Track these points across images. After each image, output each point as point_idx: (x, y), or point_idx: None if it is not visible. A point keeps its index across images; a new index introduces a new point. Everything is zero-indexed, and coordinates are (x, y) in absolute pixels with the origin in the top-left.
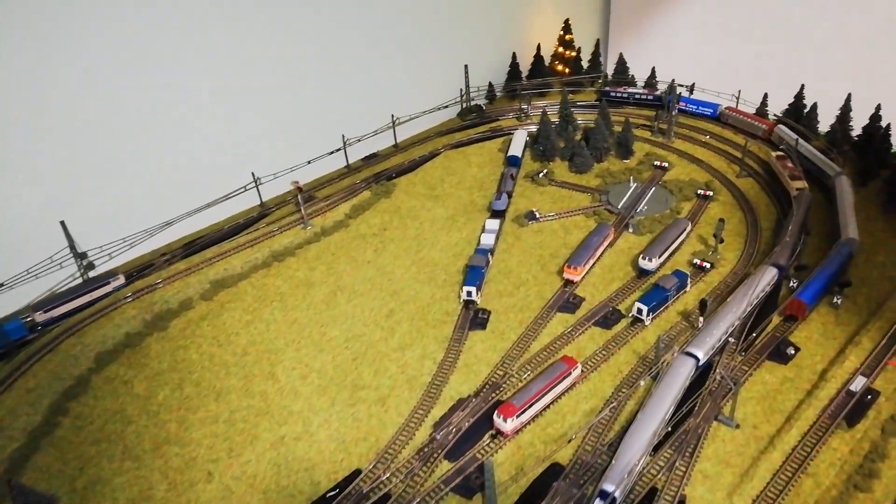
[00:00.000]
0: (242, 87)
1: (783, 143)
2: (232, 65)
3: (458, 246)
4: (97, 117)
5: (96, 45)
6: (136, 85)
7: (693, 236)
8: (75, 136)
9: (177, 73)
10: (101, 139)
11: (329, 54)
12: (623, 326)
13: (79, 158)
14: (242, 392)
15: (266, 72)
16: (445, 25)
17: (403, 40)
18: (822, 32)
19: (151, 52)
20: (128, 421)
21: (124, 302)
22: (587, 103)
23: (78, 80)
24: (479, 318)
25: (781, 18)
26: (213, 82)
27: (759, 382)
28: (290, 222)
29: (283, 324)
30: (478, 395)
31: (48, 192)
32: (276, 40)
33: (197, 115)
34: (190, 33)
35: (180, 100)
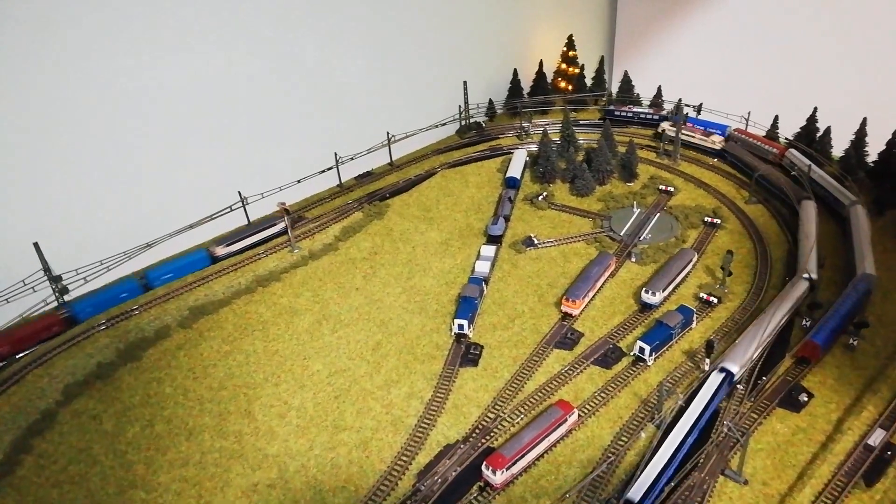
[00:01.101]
0: (229, 101)
1: (795, 169)
2: (218, 77)
3: (452, 273)
4: (73, 133)
5: (73, 57)
6: (115, 98)
7: (699, 267)
8: (50, 153)
9: (159, 86)
10: (78, 155)
11: (322, 68)
12: (624, 366)
13: (53, 176)
14: (216, 431)
15: (254, 85)
16: (444, 40)
17: (400, 55)
18: (836, 53)
19: (132, 63)
20: (93, 461)
21: (97, 330)
22: (590, 122)
23: (53, 94)
24: (470, 354)
25: (794, 37)
26: (197, 96)
27: (770, 432)
28: (276, 245)
29: (264, 355)
30: (466, 440)
31: (20, 212)
32: (265, 52)
33: (181, 131)
34: (174, 43)
35: (162, 114)
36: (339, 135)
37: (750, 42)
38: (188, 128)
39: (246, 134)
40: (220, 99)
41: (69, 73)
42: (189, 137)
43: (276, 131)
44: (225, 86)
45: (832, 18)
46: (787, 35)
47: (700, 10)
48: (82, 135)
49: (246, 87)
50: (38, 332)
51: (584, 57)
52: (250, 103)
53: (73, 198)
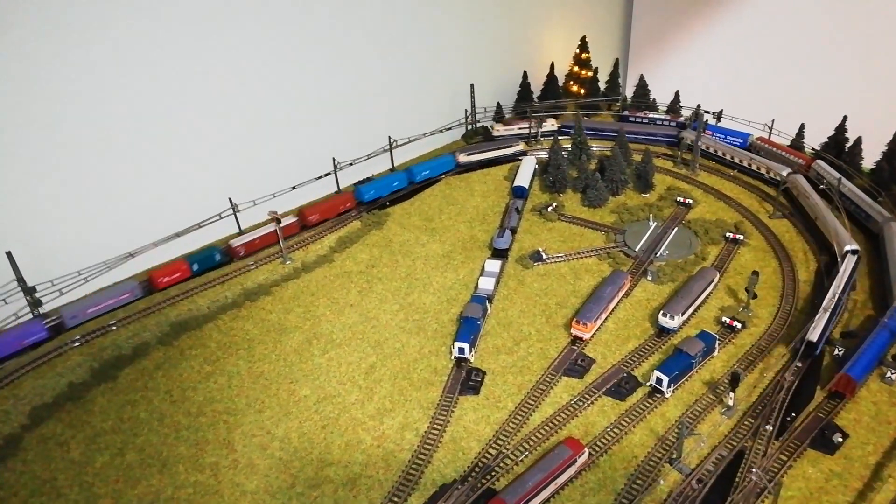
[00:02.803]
0: (220, 102)
1: (823, 182)
2: (208, 78)
3: (454, 289)
4: (50, 135)
5: (53, 59)
6: (96, 100)
7: (721, 288)
8: (24, 156)
9: (144, 85)
10: (55, 159)
11: (321, 68)
12: (639, 398)
13: (28, 180)
14: (191, 463)
15: (246, 85)
16: (450, 40)
17: (403, 55)
18: (867, 57)
19: (116, 63)
20: (57, 493)
21: (69, 347)
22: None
23: (30, 95)
24: (471, 381)
25: (823, 40)
26: (185, 98)
27: (801, 477)
28: (267, 255)
29: (248, 378)
30: (465, 480)
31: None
32: (260, 49)
33: (166, 135)
34: (162, 42)
35: (147, 117)
36: (338, 139)
37: (774, 44)
38: (175, 131)
39: (237, 138)
40: (210, 100)
41: (49, 76)
42: (176, 141)
43: (269, 135)
44: (215, 86)
45: (863, 21)
46: (815, 37)
47: (721, 10)
48: (60, 138)
49: (238, 88)
50: (335, 206)
51: (597, 59)
52: (242, 105)
53: (49, 204)
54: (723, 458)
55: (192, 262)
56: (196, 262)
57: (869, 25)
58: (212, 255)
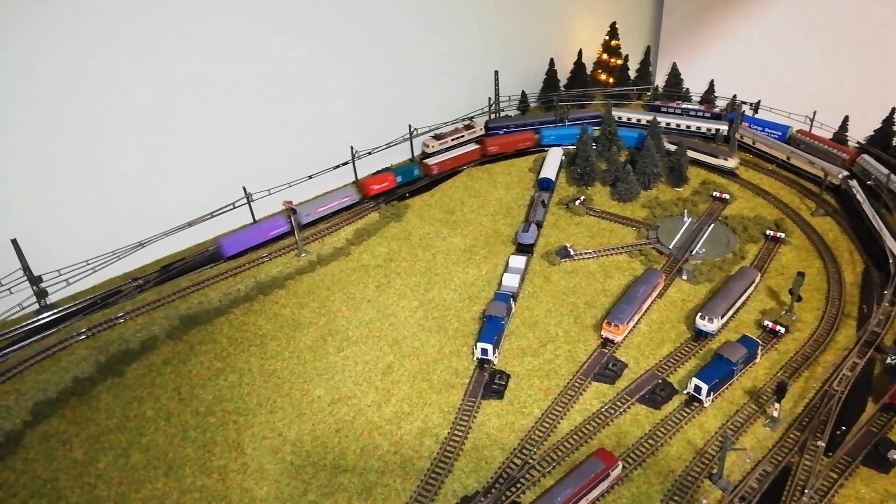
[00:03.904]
0: (234, 88)
1: (871, 178)
2: (221, 62)
3: (476, 286)
4: (59, 120)
5: (63, 46)
6: (106, 87)
7: (761, 289)
8: (32, 141)
9: (157, 75)
10: (64, 147)
11: (339, 55)
12: (675, 406)
13: (36, 166)
14: (198, 466)
15: (262, 71)
16: (474, 26)
17: (425, 42)
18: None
19: (127, 50)
20: (58, 495)
21: (75, 340)
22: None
23: (40, 82)
24: (495, 384)
25: (869, 27)
26: (199, 82)
27: (853, 498)
28: (282, 247)
29: (260, 376)
30: (488, 492)
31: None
32: (275, 35)
33: (179, 123)
34: (172, 27)
35: (159, 105)
36: (357, 127)
37: (817, 30)
38: (188, 120)
39: (252, 125)
40: (224, 87)
41: (58, 62)
42: (189, 130)
43: (285, 123)
44: (229, 73)
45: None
46: (861, 23)
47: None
48: (68, 125)
49: (253, 74)
50: (517, 142)
51: (627, 47)
52: (257, 92)
53: (57, 192)
54: (767, 475)
55: (396, 174)
56: (400, 175)
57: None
58: (411, 170)
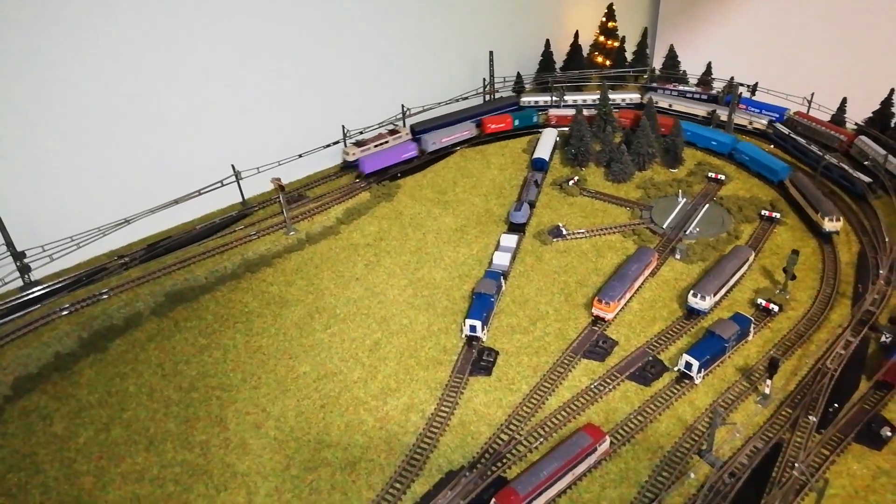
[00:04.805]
0: (224, 65)
1: (868, 159)
2: (211, 40)
3: (466, 265)
4: (45, 96)
5: (49, 18)
6: (93, 58)
7: (755, 268)
8: (16, 117)
9: (144, 47)
10: (49, 121)
11: (330, 31)
12: (665, 383)
13: (20, 141)
14: (180, 441)
15: (253, 48)
16: (469, 5)
17: (418, 19)
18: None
19: (114, 27)
20: (37, 469)
21: (57, 315)
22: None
23: (23, 54)
24: (483, 361)
25: (867, 7)
26: (188, 60)
27: (845, 474)
28: (270, 226)
29: (245, 352)
30: (473, 467)
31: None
32: (267, 13)
33: (168, 98)
34: (161, 4)
35: (148, 79)
36: (348, 106)
37: (815, 12)
38: (177, 97)
39: (242, 103)
40: (213, 66)
41: (44, 40)
42: (177, 106)
43: (275, 101)
44: (218, 50)
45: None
46: (859, 6)
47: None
48: (54, 101)
49: (243, 52)
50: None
51: (624, 29)
52: (247, 69)
53: (42, 168)
54: (758, 451)
55: (515, 118)
56: (518, 119)
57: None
58: (531, 116)
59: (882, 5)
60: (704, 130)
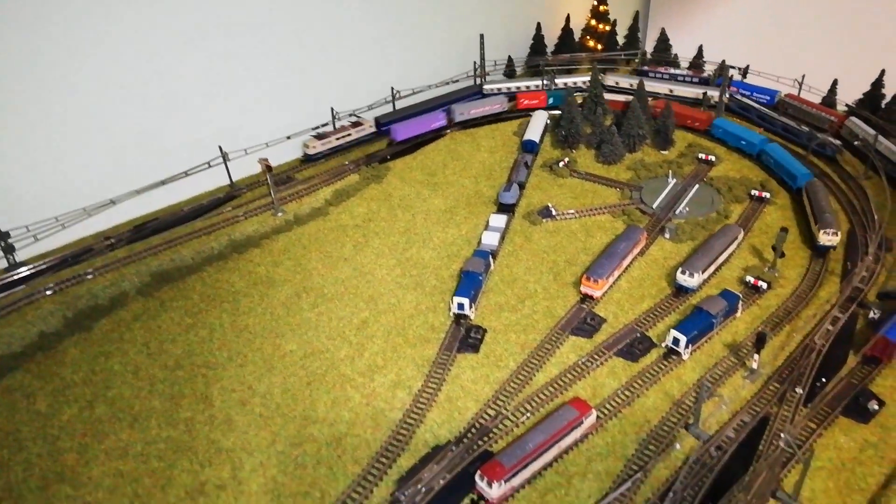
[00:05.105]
0: (212, 45)
1: (858, 140)
2: (198, 18)
3: (455, 245)
4: (30, 72)
5: (32, 1)
6: (78, 36)
7: (745, 247)
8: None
9: (130, 24)
10: (33, 98)
11: (320, 12)
12: (653, 359)
13: (1, 120)
14: (164, 418)
15: (241, 28)
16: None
17: (409, 2)
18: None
19: (99, 4)
20: (20, 446)
21: (41, 295)
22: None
23: (6, 30)
24: (471, 338)
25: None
26: (177, 39)
27: (832, 447)
28: (258, 207)
29: (231, 331)
30: (460, 441)
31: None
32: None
33: (154, 77)
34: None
35: (136, 57)
36: (337, 88)
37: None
38: (164, 77)
39: (231, 83)
40: (202, 44)
41: (29, 14)
42: (163, 85)
43: (264, 82)
44: (207, 30)
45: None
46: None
47: None
48: (39, 78)
49: (231, 31)
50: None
51: (616, 12)
52: (236, 49)
53: (25, 146)
54: (745, 425)
55: (549, 96)
56: (552, 97)
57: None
58: (561, 96)
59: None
60: (737, 129)
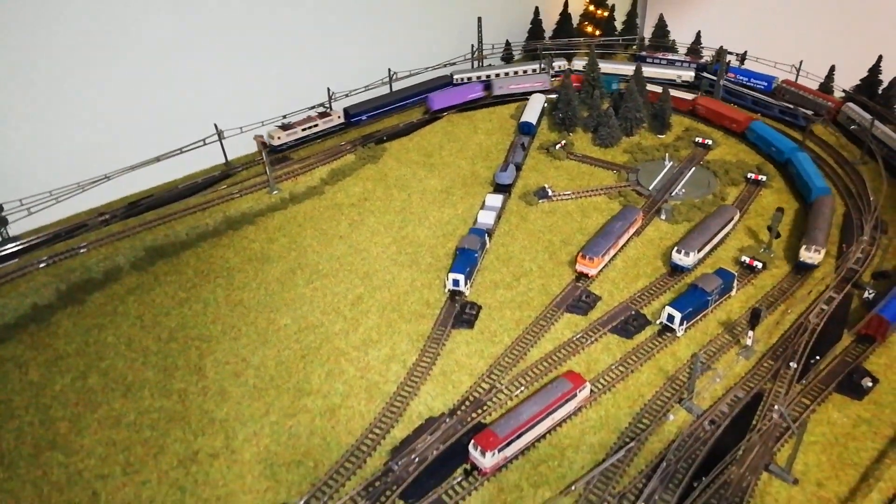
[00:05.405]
0: (210, 22)
1: (853, 125)
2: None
3: (451, 224)
4: (27, 46)
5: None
6: (79, 11)
7: (740, 229)
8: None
9: (131, 3)
10: (27, 73)
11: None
12: (647, 336)
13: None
14: (157, 388)
15: (239, 7)
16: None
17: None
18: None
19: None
20: (11, 415)
21: (34, 267)
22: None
23: (4, 3)
24: (465, 314)
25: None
26: (172, 15)
27: (825, 422)
28: (254, 185)
29: (225, 305)
30: (454, 413)
31: None
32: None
33: (151, 54)
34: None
35: (130, 34)
36: (334, 68)
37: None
38: (160, 52)
39: (227, 62)
40: (199, 22)
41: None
42: (160, 62)
43: (261, 60)
44: (205, 8)
45: None
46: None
47: None
48: (37, 52)
49: (229, 9)
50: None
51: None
52: (235, 26)
53: (21, 119)
54: (739, 400)
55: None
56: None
57: None
58: (610, 83)
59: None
60: (771, 134)
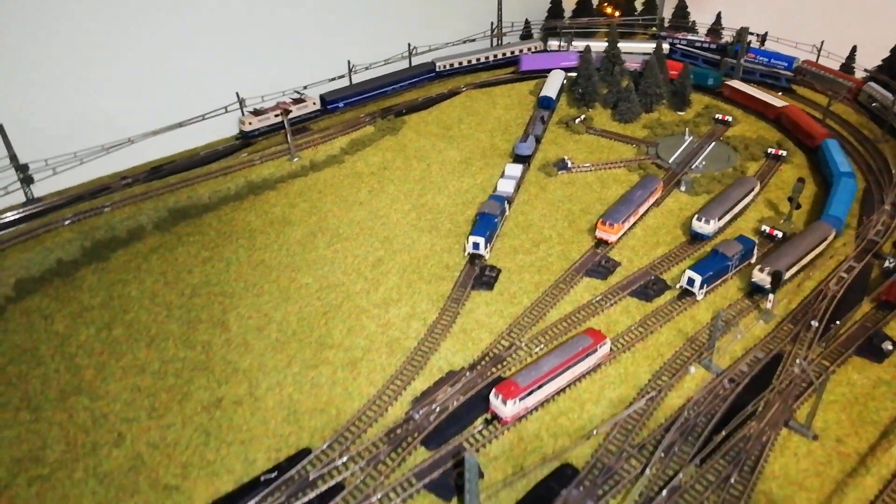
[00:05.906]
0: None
1: (875, 103)
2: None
3: (470, 192)
4: (55, 7)
5: None
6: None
7: (760, 201)
8: (24, 28)
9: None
10: (59, 33)
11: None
12: (667, 300)
13: (27, 52)
14: (181, 340)
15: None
16: None
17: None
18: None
19: None
20: (38, 362)
21: (59, 224)
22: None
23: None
24: (485, 276)
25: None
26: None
27: (845, 383)
28: (275, 152)
29: (247, 265)
30: (473, 368)
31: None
32: None
33: (181, 22)
34: None
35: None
36: (354, 40)
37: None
38: (190, 20)
39: (251, 32)
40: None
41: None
42: (186, 30)
43: (284, 32)
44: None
45: None
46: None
47: None
48: (64, 14)
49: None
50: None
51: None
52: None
53: (48, 80)
54: (758, 360)
55: (691, 73)
56: (693, 75)
57: None
58: (706, 75)
59: None
60: (838, 155)
